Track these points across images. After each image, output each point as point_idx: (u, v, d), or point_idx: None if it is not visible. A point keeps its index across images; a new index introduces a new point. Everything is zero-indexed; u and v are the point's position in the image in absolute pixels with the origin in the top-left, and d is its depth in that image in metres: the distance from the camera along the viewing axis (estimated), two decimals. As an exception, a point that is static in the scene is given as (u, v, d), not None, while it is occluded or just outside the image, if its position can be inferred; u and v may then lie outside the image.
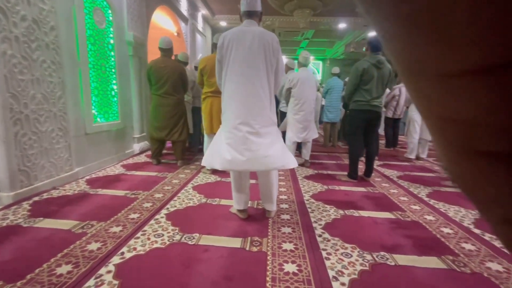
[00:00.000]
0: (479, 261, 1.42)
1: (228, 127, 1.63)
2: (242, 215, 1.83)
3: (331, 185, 2.66)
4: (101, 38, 3.02)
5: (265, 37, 1.60)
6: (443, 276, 1.30)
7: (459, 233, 1.73)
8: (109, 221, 1.73)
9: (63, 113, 2.43)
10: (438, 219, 1.95)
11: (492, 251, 1.52)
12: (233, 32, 1.62)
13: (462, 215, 2.03)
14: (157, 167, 3.12)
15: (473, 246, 1.58)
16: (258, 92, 1.59)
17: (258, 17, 1.69)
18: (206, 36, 8.11)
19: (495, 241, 1.63)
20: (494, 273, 1.32)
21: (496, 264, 1.40)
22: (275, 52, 1.64)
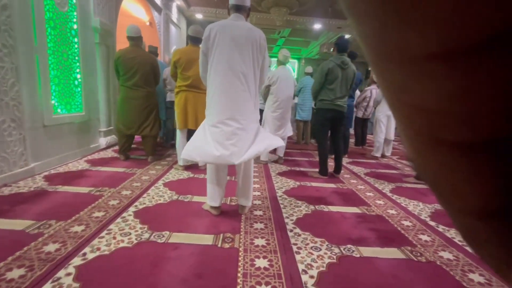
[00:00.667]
0: (433, 251, 1.55)
1: (214, 121, 1.61)
2: (215, 212, 1.81)
3: (303, 182, 2.73)
4: (63, 22, 2.78)
5: (253, 34, 1.61)
6: (402, 265, 1.40)
7: (417, 226, 1.88)
8: (70, 220, 1.61)
9: (17, 102, 2.20)
10: (399, 213, 2.09)
11: (445, 242, 1.67)
12: (220, 25, 1.59)
13: (420, 209, 2.20)
14: (125, 163, 2.96)
15: (428, 237, 1.72)
16: (245, 88, 1.60)
17: (246, 12, 1.67)
18: (181, 28, 7.83)
19: (447, 232, 1.80)
20: (445, 261, 1.45)
21: (448, 253, 1.54)
22: (262, 49, 1.65)
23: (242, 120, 1.60)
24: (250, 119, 1.64)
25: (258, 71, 1.67)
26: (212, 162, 1.62)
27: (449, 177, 0.13)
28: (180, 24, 7.78)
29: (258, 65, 1.66)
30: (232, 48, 1.56)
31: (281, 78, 3.17)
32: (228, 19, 1.66)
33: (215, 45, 1.57)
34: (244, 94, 1.60)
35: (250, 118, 1.64)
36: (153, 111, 3.01)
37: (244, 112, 1.61)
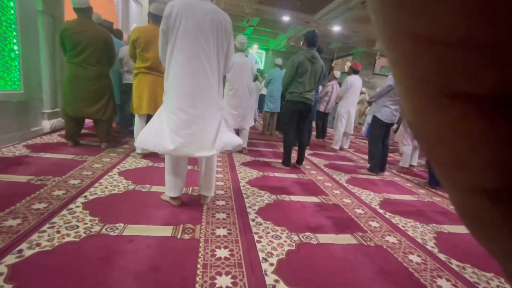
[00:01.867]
0: (381, 236, 1.71)
1: (171, 108, 1.51)
2: (175, 203, 1.74)
3: (266, 172, 2.77)
4: (-6, -18, 2.35)
5: (218, 17, 1.51)
6: (354, 250, 1.51)
7: (368, 213, 2.04)
8: (2, 213, 1.41)
9: None
10: (354, 201, 2.25)
11: (390, 227, 1.84)
12: (183, 2, 1.46)
13: (371, 198, 2.39)
14: (74, 150, 2.68)
15: (377, 223, 1.88)
16: (207, 74, 1.51)
17: None
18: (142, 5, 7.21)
19: (392, 219, 1.99)
20: (391, 245, 1.61)
21: (393, 238, 1.70)
22: (227, 34, 1.57)
23: (202, 108, 1.52)
24: (213, 107, 1.57)
25: (222, 57, 1.60)
26: (170, 153, 1.53)
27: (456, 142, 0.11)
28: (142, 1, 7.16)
29: (222, 50, 1.58)
30: (195, 30, 1.46)
31: (237, 66, 3.10)
32: None
33: (177, 25, 1.46)
34: (207, 80, 1.52)
35: (213, 107, 1.57)
36: (106, 93, 2.73)
37: (206, 99, 1.53)
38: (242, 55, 3.22)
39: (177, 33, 1.47)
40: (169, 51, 1.51)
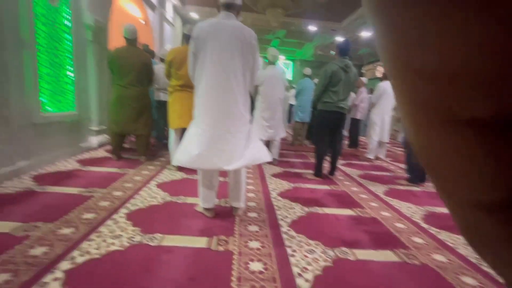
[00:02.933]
0: (426, 253, 1.56)
1: (200, 123, 1.58)
2: (208, 214, 1.79)
3: (297, 183, 2.73)
4: (54, 18, 2.71)
5: (244, 33, 1.57)
6: (396, 268, 1.40)
7: (410, 228, 1.89)
8: (58, 222, 1.56)
9: (4, 100, 2.13)
10: (393, 215, 2.11)
11: (438, 244, 1.68)
12: (210, 24, 1.56)
13: (413, 211, 2.22)
14: (117, 163, 2.91)
15: (421, 240, 1.73)
16: (234, 90, 1.56)
17: (236, 10, 1.63)
18: (175, 27, 7.76)
19: (439, 235, 1.81)
20: (439, 264, 1.46)
21: (441, 256, 1.55)
22: (253, 49, 1.61)
23: (229, 122, 1.57)
24: (240, 121, 1.61)
25: (248, 72, 1.63)
26: (199, 166, 1.59)
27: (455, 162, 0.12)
28: (175, 23, 7.71)
29: (248, 65, 1.62)
30: (222, 47, 1.53)
31: (269, 78, 3.15)
32: (218, 17, 1.61)
33: (205, 44, 1.54)
34: (233, 96, 1.57)
35: (240, 121, 1.61)
36: (146, 110, 2.97)
37: (232, 114, 1.58)
38: (274, 67, 3.27)
39: (205, 52, 1.55)
40: (198, 69, 1.60)
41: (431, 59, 0.10)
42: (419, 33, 0.10)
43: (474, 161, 0.11)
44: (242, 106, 1.62)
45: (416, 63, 0.11)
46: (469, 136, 0.10)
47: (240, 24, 1.61)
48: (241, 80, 1.60)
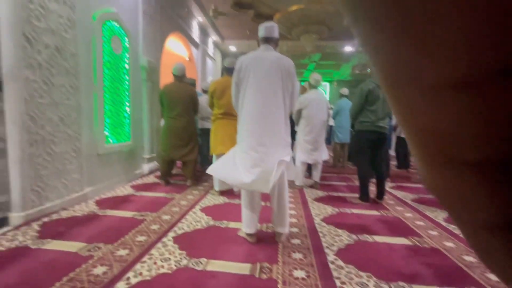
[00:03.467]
0: (509, 294, 1.31)
1: (244, 147, 1.66)
2: (251, 239, 1.78)
3: (342, 208, 2.58)
4: (117, 63, 3.18)
5: (282, 62, 1.68)
6: (469, 310, 1.19)
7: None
8: (116, 244, 1.70)
9: (78, 134, 2.50)
10: (459, 246, 1.84)
11: (522, 283, 1.40)
12: (251, 57, 1.70)
13: (485, 242, 1.90)
14: (165, 188, 3.11)
15: (500, 277, 1.46)
16: (275, 115, 1.64)
17: (274, 43, 1.77)
18: (216, 60, 8.42)
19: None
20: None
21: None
22: (291, 76, 1.71)
23: (271, 146, 1.62)
24: (281, 145, 1.66)
25: (288, 97, 1.72)
26: (242, 188, 1.64)
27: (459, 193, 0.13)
28: (215, 57, 8.39)
29: (287, 91, 1.70)
30: (262, 78, 1.63)
31: (313, 102, 3.16)
32: (258, 50, 1.76)
33: (246, 75, 1.66)
34: (275, 121, 1.64)
35: (281, 144, 1.66)
36: (193, 138, 3.20)
37: (274, 138, 1.63)
38: (316, 91, 3.31)
39: (247, 82, 1.66)
40: (240, 98, 1.71)
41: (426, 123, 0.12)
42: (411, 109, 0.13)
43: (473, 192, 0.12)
44: (283, 130, 1.68)
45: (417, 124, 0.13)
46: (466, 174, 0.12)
47: (278, 55, 1.71)
48: (282, 106, 1.67)
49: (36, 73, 2.06)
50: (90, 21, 2.67)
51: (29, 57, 2.00)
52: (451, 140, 0.12)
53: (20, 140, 1.95)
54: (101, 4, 2.82)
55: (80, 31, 2.50)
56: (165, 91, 3.10)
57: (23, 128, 1.97)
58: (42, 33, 2.10)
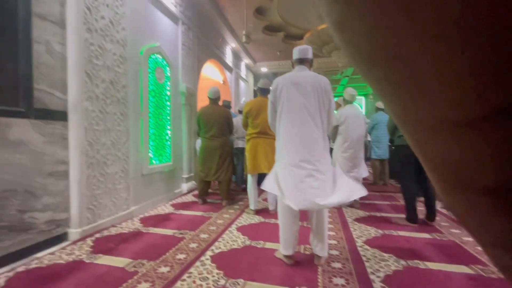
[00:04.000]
0: None
1: (285, 164, 1.67)
2: (288, 261, 1.72)
3: (387, 230, 2.37)
4: (160, 91, 3.49)
5: (318, 81, 1.71)
6: None
7: None
8: (158, 261, 1.77)
9: (126, 157, 2.74)
10: (537, 278, 1.55)
11: None
12: (286, 77, 1.75)
13: None
14: (203, 207, 3.20)
15: None
16: (313, 131, 1.65)
17: (309, 63, 1.82)
18: (248, 82, 8.75)
19: None
20: None
21: None
22: (327, 93, 1.73)
23: (315, 161, 1.60)
24: (324, 160, 1.64)
25: (325, 115, 1.71)
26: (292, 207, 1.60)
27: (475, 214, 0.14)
28: (248, 78, 8.73)
29: (324, 109, 1.71)
30: (299, 95, 1.66)
31: (350, 117, 3.07)
32: (293, 71, 1.80)
33: (283, 95, 1.70)
34: (314, 136, 1.64)
35: (324, 159, 1.64)
36: (227, 157, 3.29)
37: (316, 154, 1.62)
38: (352, 106, 3.23)
39: (284, 101, 1.70)
40: (278, 117, 1.75)
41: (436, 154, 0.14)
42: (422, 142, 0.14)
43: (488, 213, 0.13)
44: (323, 145, 1.67)
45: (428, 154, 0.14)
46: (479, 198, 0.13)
47: (314, 74, 1.75)
48: (319, 122, 1.67)
49: (94, 104, 2.35)
50: (138, 56, 3.01)
51: (89, 91, 2.30)
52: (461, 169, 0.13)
53: (80, 163, 2.21)
54: (147, 40, 3.17)
55: (130, 65, 2.82)
56: (202, 113, 3.28)
57: (82, 152, 2.23)
58: (100, 70, 2.42)
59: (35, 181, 1.93)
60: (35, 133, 1.93)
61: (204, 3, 4.45)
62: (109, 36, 2.52)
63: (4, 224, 1.73)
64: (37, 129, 1.95)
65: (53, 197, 2.06)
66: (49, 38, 2.06)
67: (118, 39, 2.63)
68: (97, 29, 2.38)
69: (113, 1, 2.57)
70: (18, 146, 1.82)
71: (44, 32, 2.01)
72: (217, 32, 5.61)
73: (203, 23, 4.82)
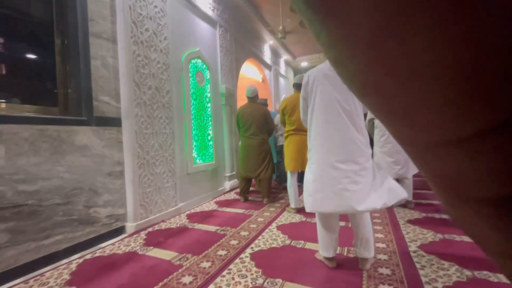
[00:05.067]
0: None
1: (318, 163, 1.56)
2: (330, 264, 1.63)
3: (448, 234, 2.08)
4: (201, 94, 3.65)
5: None
6: None
7: None
8: (201, 256, 1.86)
9: (172, 157, 2.95)
10: None
11: None
12: (318, 70, 1.66)
13: None
14: (244, 204, 3.26)
15: None
16: (348, 126, 1.51)
17: None
18: (288, 78, 8.62)
19: None
20: None
21: None
22: None
23: (352, 162, 1.46)
24: (362, 159, 1.48)
25: (361, 108, 1.56)
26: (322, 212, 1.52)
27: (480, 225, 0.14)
28: (288, 75, 8.60)
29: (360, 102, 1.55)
30: (331, 89, 1.54)
31: None
32: (325, 63, 1.67)
33: (314, 89, 1.60)
34: (349, 132, 1.50)
35: (362, 159, 1.48)
36: (267, 156, 3.29)
37: (353, 153, 1.48)
38: None
39: (315, 96, 1.60)
40: (309, 113, 1.65)
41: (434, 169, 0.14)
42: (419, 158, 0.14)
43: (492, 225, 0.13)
44: (361, 141, 1.52)
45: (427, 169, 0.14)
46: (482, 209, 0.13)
47: None
48: (356, 116, 1.54)
49: (142, 110, 2.58)
50: (180, 62, 3.20)
51: (137, 98, 2.53)
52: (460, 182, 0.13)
53: (133, 163, 2.45)
54: (187, 46, 3.35)
55: (172, 71, 3.02)
56: (240, 112, 3.34)
57: (134, 154, 2.46)
58: (146, 78, 2.64)
59: (97, 180, 2.20)
60: (95, 139, 2.20)
61: (239, 3, 4.51)
62: (153, 46, 2.73)
63: (74, 218, 2.02)
64: (97, 135, 2.22)
65: (112, 195, 2.32)
66: (104, 53, 2.31)
67: (161, 48, 2.83)
68: (142, 41, 2.60)
69: (156, 13, 2.77)
70: (83, 150, 2.09)
71: (99, 49, 2.27)
72: (254, 31, 5.64)
73: (239, 23, 4.89)
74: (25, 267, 1.70)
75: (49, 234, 1.85)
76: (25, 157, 1.74)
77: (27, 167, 1.75)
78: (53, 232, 1.87)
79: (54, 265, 1.82)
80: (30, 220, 1.74)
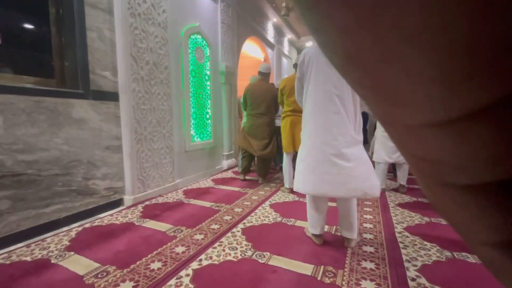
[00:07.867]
0: None
1: (307, 145, 1.59)
2: (317, 241, 1.71)
3: (434, 217, 2.15)
4: (200, 71, 3.60)
5: None
6: None
7: None
8: (194, 229, 1.94)
9: (170, 134, 2.97)
10: None
11: None
12: (314, 49, 1.60)
13: None
14: (240, 183, 3.33)
15: None
16: (340, 111, 1.49)
17: None
18: (292, 59, 8.41)
19: None
20: None
21: None
22: None
23: (337, 144, 1.46)
24: (348, 142, 1.47)
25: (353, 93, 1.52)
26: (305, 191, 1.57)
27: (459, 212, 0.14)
28: (291, 55, 8.38)
29: None
30: (326, 70, 1.51)
31: None
32: None
33: (309, 69, 1.57)
34: (340, 117, 1.47)
35: (348, 142, 1.47)
36: (273, 136, 3.25)
37: (339, 135, 1.47)
38: None
39: (309, 76, 1.58)
40: (304, 93, 1.64)
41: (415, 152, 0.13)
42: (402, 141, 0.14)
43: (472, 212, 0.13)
44: (351, 128, 1.50)
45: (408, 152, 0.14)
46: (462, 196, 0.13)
47: None
48: (348, 102, 1.50)
49: (140, 85, 2.56)
50: (179, 37, 3.12)
51: (135, 73, 2.50)
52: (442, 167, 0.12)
53: (130, 139, 2.47)
54: (187, 21, 3.25)
55: (171, 46, 2.96)
56: (250, 89, 3.22)
57: (131, 129, 2.48)
58: (144, 52, 2.60)
59: (95, 154, 2.24)
60: (93, 112, 2.21)
61: (243, -24, 4.30)
62: (151, 19, 2.65)
63: (74, 189, 2.08)
64: (94, 109, 2.23)
65: (110, 168, 2.37)
66: (100, 25, 2.26)
67: (159, 21, 2.76)
68: (140, 13, 2.52)
69: (154, -16, 2.67)
70: (80, 123, 2.12)
71: (95, 20, 2.22)
72: (257, 7, 5.43)
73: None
74: (27, 232, 1.79)
75: (49, 203, 1.92)
76: (23, 128, 1.77)
77: (25, 138, 1.78)
78: (53, 201, 1.94)
79: (54, 231, 1.91)
80: (30, 188, 1.80)
